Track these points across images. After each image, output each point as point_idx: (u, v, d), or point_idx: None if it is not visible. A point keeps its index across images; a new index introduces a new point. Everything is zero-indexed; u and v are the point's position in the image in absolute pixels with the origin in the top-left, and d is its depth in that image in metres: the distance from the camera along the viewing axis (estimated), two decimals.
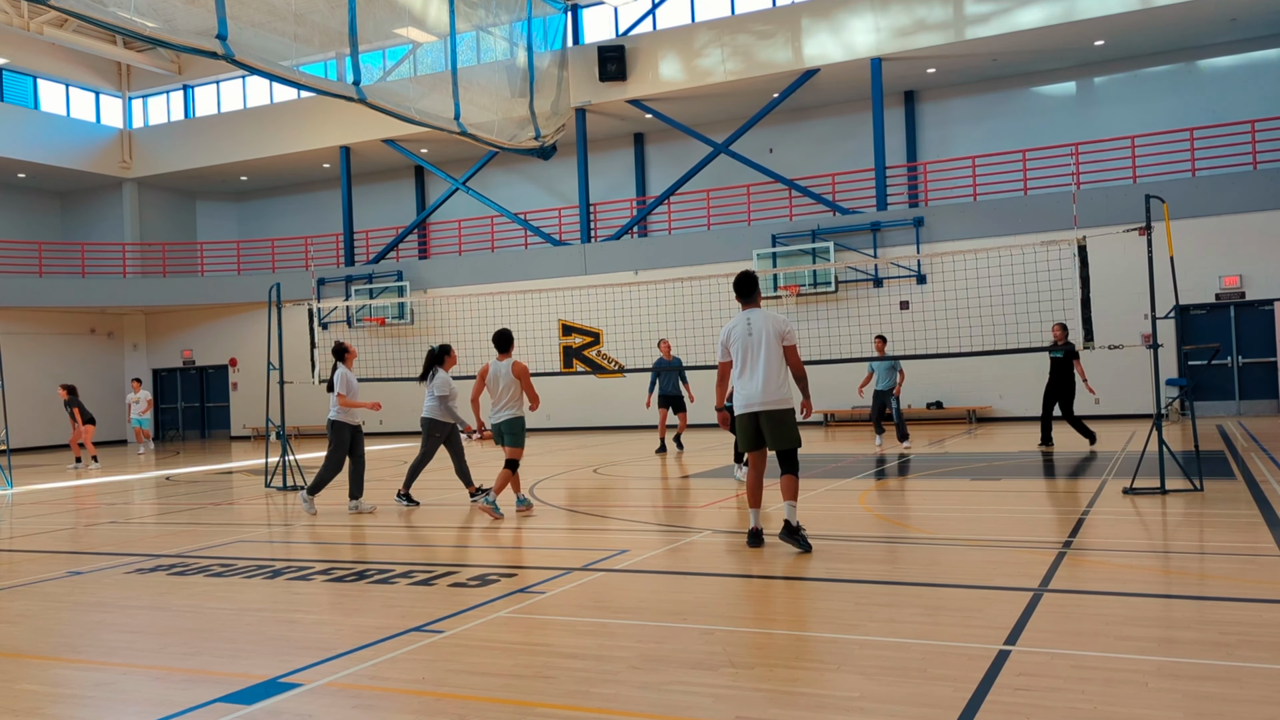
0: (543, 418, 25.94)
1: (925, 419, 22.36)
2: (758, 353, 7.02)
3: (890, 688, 4.01)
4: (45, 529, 10.48)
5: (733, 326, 7.21)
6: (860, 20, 23.06)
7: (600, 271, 24.93)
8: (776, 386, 6.99)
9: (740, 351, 7.11)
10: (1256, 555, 6.37)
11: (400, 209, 30.87)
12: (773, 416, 7.00)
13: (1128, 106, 23.27)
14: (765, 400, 6.99)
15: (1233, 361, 20.70)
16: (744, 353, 7.09)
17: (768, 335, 7.03)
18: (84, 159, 29.86)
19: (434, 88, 21.87)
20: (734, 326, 7.20)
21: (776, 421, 7.00)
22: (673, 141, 27.21)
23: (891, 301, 22.47)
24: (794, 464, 7.08)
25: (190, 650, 5.07)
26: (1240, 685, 3.89)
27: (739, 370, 7.12)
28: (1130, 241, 16.96)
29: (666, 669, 4.37)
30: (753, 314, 7.20)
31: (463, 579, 6.54)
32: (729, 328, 7.24)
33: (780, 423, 7.01)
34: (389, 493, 11.67)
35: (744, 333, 7.11)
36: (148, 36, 15.04)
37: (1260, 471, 10.80)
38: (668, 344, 17.07)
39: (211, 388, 31.44)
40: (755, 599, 5.80)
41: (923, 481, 11.20)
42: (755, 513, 7.28)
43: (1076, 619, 4.98)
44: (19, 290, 27.56)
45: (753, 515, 7.29)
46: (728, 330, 7.23)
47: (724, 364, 7.27)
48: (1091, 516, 8.17)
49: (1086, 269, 11.05)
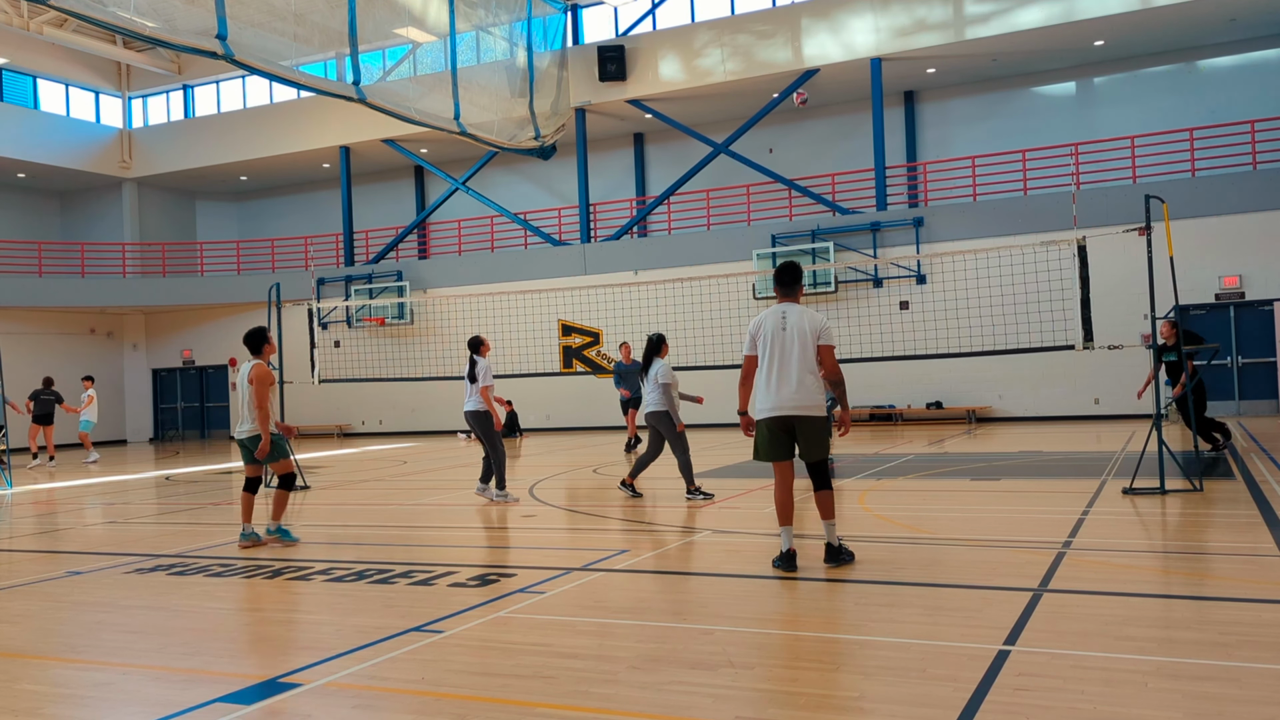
0: (542, 418, 25.96)
1: (925, 419, 22.37)
2: (790, 350, 6.19)
3: (890, 688, 4.01)
4: (45, 529, 10.48)
5: (764, 318, 6.38)
6: (860, 20, 23.06)
7: (600, 271, 24.93)
8: (811, 390, 6.19)
9: (769, 346, 6.25)
10: (1256, 555, 6.37)
11: (400, 209, 30.88)
12: (807, 424, 6.19)
13: (1127, 106, 23.27)
14: (800, 404, 6.16)
15: (1232, 362, 20.71)
16: (774, 349, 6.23)
17: (802, 333, 6.22)
18: (84, 159, 29.86)
19: (434, 88, 21.87)
20: (766, 318, 6.37)
21: (812, 430, 6.22)
22: (673, 141, 27.21)
23: (891, 302, 22.48)
24: (827, 477, 6.37)
25: (190, 650, 5.07)
26: (1240, 685, 3.89)
27: (766, 369, 6.26)
28: (1130, 241, 16.96)
29: (666, 669, 4.37)
30: (789, 308, 6.36)
31: (463, 579, 6.54)
32: (760, 319, 6.41)
33: (816, 431, 6.23)
34: (389, 493, 11.66)
35: (777, 326, 6.28)
36: (147, 36, 15.05)
37: (1260, 472, 10.80)
38: (628, 348, 17.33)
39: (211, 388, 31.44)
40: (755, 599, 5.80)
41: (923, 481, 11.20)
42: (787, 531, 6.36)
43: (1076, 619, 4.98)
44: (19, 290, 27.56)
45: (784, 535, 6.36)
46: (758, 322, 6.40)
47: (750, 358, 6.41)
48: (1091, 516, 8.17)
49: (1086, 269, 11.06)
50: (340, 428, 28.39)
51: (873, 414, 22.67)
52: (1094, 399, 21.12)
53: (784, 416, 6.20)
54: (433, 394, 25.97)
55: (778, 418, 6.21)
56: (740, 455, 15.29)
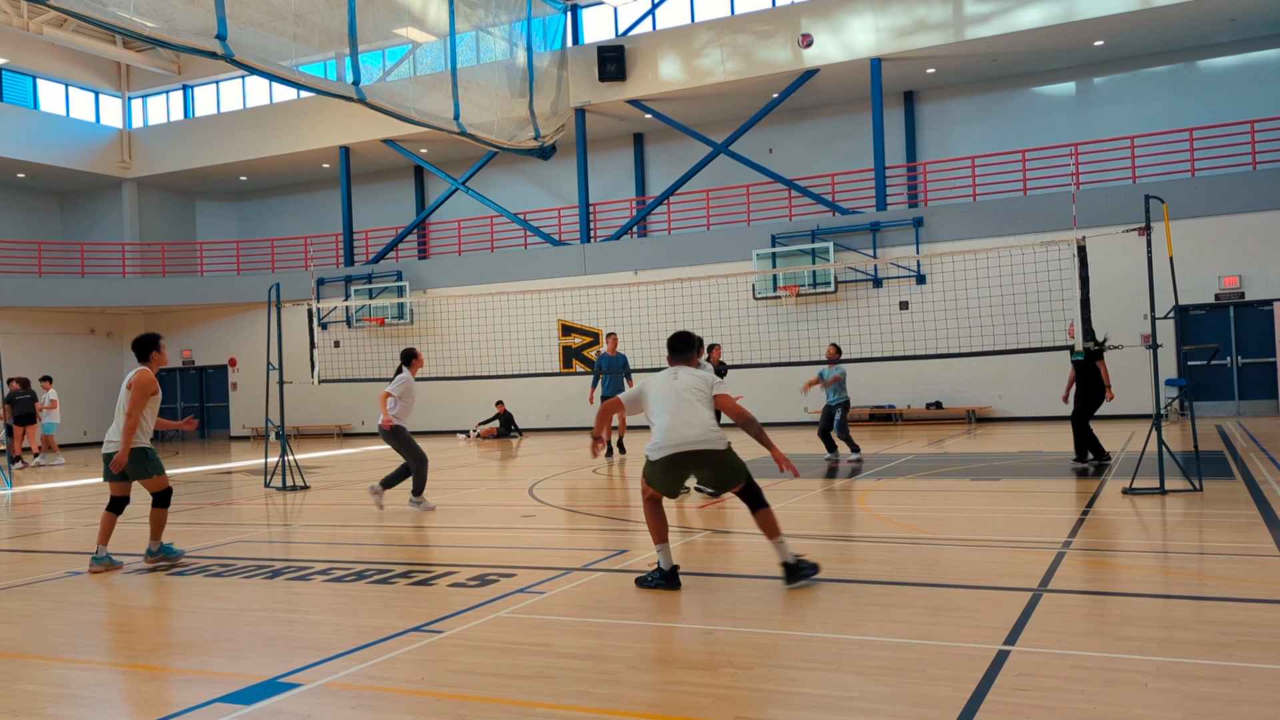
0: (542, 418, 25.95)
1: (925, 419, 22.37)
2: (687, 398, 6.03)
3: (890, 688, 4.01)
4: (45, 529, 10.48)
5: (653, 379, 6.27)
6: (860, 20, 23.06)
7: (600, 271, 24.93)
8: (711, 427, 5.98)
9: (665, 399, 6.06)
10: (1256, 555, 6.37)
11: (400, 209, 30.88)
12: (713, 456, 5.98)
13: (1127, 106, 23.27)
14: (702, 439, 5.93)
15: (1232, 362, 20.71)
16: (669, 399, 6.04)
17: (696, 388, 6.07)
18: (83, 159, 29.86)
19: (433, 88, 21.87)
20: (655, 379, 6.26)
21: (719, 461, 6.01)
22: (672, 141, 27.21)
23: (891, 302, 22.48)
24: (759, 497, 6.06)
25: (190, 650, 5.07)
26: (1239, 685, 3.89)
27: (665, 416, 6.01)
28: (1130, 242, 16.92)
29: (666, 669, 4.37)
30: (680, 369, 6.22)
31: (462, 579, 6.54)
32: (648, 379, 6.30)
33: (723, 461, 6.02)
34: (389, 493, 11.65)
35: (669, 379, 6.15)
36: (147, 36, 15.05)
37: (1260, 472, 10.81)
38: (616, 339, 16.72)
39: (211, 388, 31.45)
40: (755, 599, 5.80)
41: (923, 481, 11.20)
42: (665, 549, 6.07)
43: (1076, 619, 4.98)
44: (18, 290, 27.56)
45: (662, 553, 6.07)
46: (646, 381, 6.28)
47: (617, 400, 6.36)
48: (1091, 517, 8.17)
49: (1086, 269, 11.04)
50: (340, 428, 28.39)
51: (873, 414, 22.67)
52: None
53: (686, 452, 5.95)
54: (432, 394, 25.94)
55: (679, 454, 5.95)
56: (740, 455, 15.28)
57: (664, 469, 6.05)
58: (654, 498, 6.18)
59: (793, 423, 22.91)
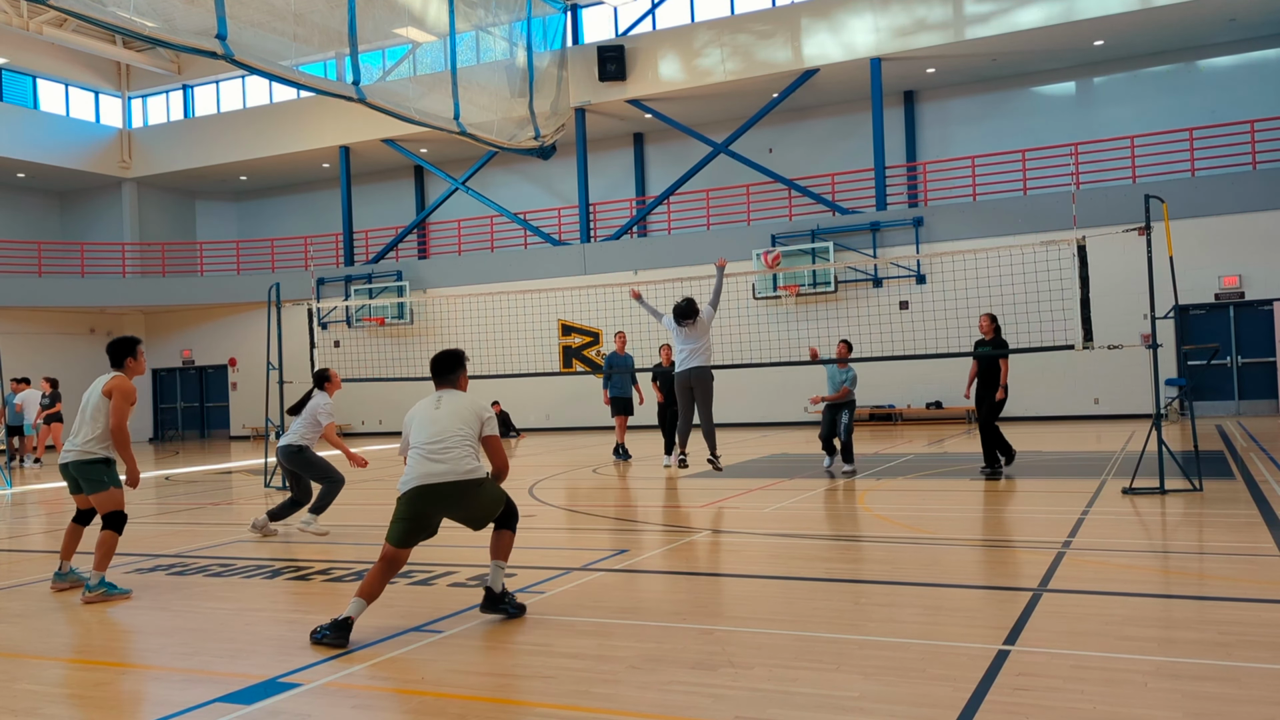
0: (542, 417, 25.96)
1: (925, 419, 22.37)
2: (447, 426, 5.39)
3: (890, 688, 4.01)
4: (45, 529, 10.47)
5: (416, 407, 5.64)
6: (860, 20, 23.06)
7: (600, 271, 24.93)
8: (469, 459, 5.36)
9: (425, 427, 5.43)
10: (1256, 555, 6.37)
11: (400, 209, 30.88)
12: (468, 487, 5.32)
13: (1127, 106, 23.27)
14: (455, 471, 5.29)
15: (1232, 362, 20.71)
16: (428, 429, 5.41)
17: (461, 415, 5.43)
18: (83, 159, 29.86)
19: (433, 88, 21.87)
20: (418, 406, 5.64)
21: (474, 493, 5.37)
22: (672, 141, 27.21)
23: (891, 302, 22.48)
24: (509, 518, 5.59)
25: (190, 650, 5.06)
26: (1239, 685, 3.89)
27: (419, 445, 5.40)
28: (1130, 241, 16.92)
29: (666, 669, 4.37)
30: (445, 393, 5.61)
31: (462, 579, 6.54)
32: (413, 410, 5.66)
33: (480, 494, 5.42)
34: (389, 493, 11.65)
35: (430, 407, 5.54)
36: (147, 36, 15.04)
37: (1260, 472, 10.81)
38: (624, 337, 15.82)
39: (211, 388, 31.45)
40: (755, 599, 5.80)
41: (923, 481, 11.20)
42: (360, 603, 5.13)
43: (1076, 619, 4.98)
44: (18, 290, 27.55)
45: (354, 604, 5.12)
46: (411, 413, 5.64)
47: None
48: (1091, 516, 8.17)
49: (1086, 269, 11.03)
50: (340, 428, 28.36)
51: (873, 414, 22.67)
52: (1094, 399, 21.12)
53: (437, 484, 5.29)
54: None
55: (429, 486, 5.28)
56: (740, 455, 15.30)
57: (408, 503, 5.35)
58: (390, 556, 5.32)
59: (793, 423, 22.92)
